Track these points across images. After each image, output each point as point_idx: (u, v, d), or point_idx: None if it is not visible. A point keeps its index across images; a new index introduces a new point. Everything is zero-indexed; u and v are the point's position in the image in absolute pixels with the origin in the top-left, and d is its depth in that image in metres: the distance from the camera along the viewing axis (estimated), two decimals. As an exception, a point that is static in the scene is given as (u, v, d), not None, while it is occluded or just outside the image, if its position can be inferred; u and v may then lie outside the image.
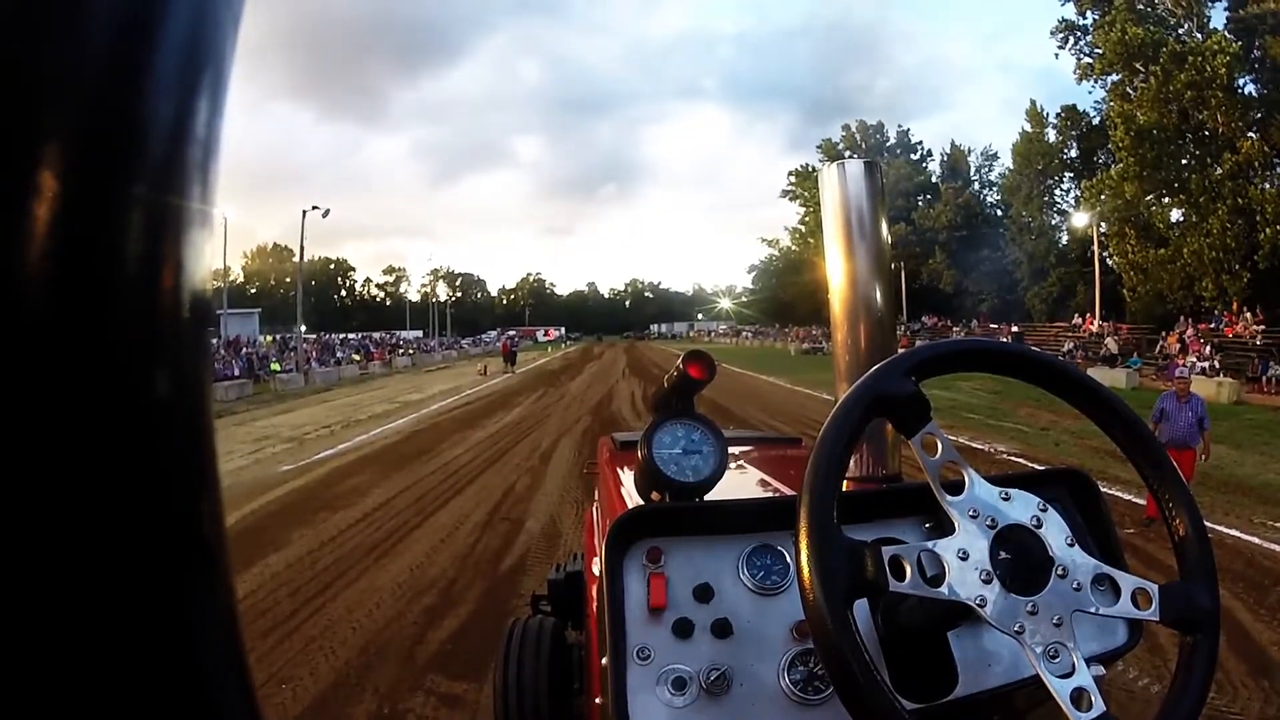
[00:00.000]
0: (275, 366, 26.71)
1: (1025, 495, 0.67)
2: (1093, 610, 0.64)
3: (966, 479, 0.67)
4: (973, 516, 0.65)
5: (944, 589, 0.62)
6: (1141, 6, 25.47)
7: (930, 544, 0.63)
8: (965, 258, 40.06)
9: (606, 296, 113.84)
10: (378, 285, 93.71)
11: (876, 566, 0.60)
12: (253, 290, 69.02)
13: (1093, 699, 0.59)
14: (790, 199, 55.26)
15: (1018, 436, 9.97)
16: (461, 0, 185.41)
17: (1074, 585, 0.64)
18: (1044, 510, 0.67)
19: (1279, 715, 2.90)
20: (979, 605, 0.61)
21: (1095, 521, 0.89)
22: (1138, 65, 24.56)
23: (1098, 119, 29.22)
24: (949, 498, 0.66)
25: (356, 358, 34.20)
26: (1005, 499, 0.67)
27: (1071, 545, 0.66)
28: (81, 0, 0.20)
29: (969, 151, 46.31)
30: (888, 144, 49.43)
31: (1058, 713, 0.88)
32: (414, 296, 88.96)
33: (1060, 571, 0.64)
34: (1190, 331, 21.33)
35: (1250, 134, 23.38)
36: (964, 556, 0.63)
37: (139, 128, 0.21)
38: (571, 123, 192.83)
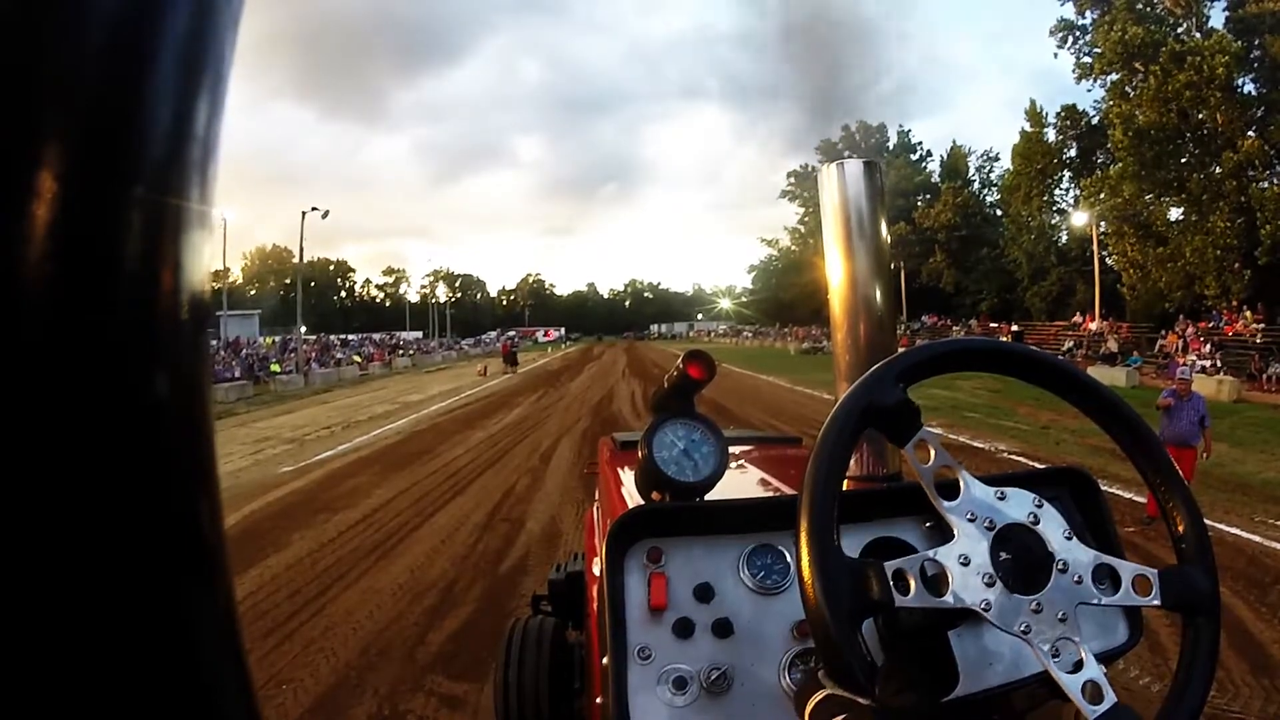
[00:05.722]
0: (275, 367, 26.71)
1: (1020, 493, 0.67)
2: (1095, 602, 0.64)
3: (961, 482, 0.67)
4: (970, 519, 0.65)
5: (948, 597, 0.61)
6: (1141, 6, 25.47)
7: (931, 553, 0.63)
8: (965, 257, 40.07)
9: (606, 297, 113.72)
10: (377, 286, 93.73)
11: (881, 584, 0.59)
12: (252, 291, 69.02)
13: (1104, 691, 0.59)
14: (790, 199, 55.31)
15: (1018, 435, 9.97)
16: (462, 0, 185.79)
17: (1075, 579, 0.64)
18: (1040, 506, 0.67)
19: (1280, 714, 2.90)
20: (984, 609, 0.61)
21: (1095, 518, 0.89)
22: (1137, 65, 24.54)
23: (1097, 118, 29.22)
24: (945, 503, 0.66)
25: (356, 359, 34.21)
26: (1001, 498, 0.67)
27: (1070, 539, 0.66)
28: (81, 0, 0.20)
29: (970, 152, 46.36)
30: (888, 144, 49.44)
31: (1057, 713, 0.88)
32: (414, 297, 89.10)
33: (1061, 566, 0.64)
34: (1190, 330, 21.34)
35: (1249, 133, 23.38)
36: (965, 562, 0.63)
37: (139, 128, 0.21)
38: (572, 122, 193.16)
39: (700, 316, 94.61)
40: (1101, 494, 0.91)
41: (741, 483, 1.40)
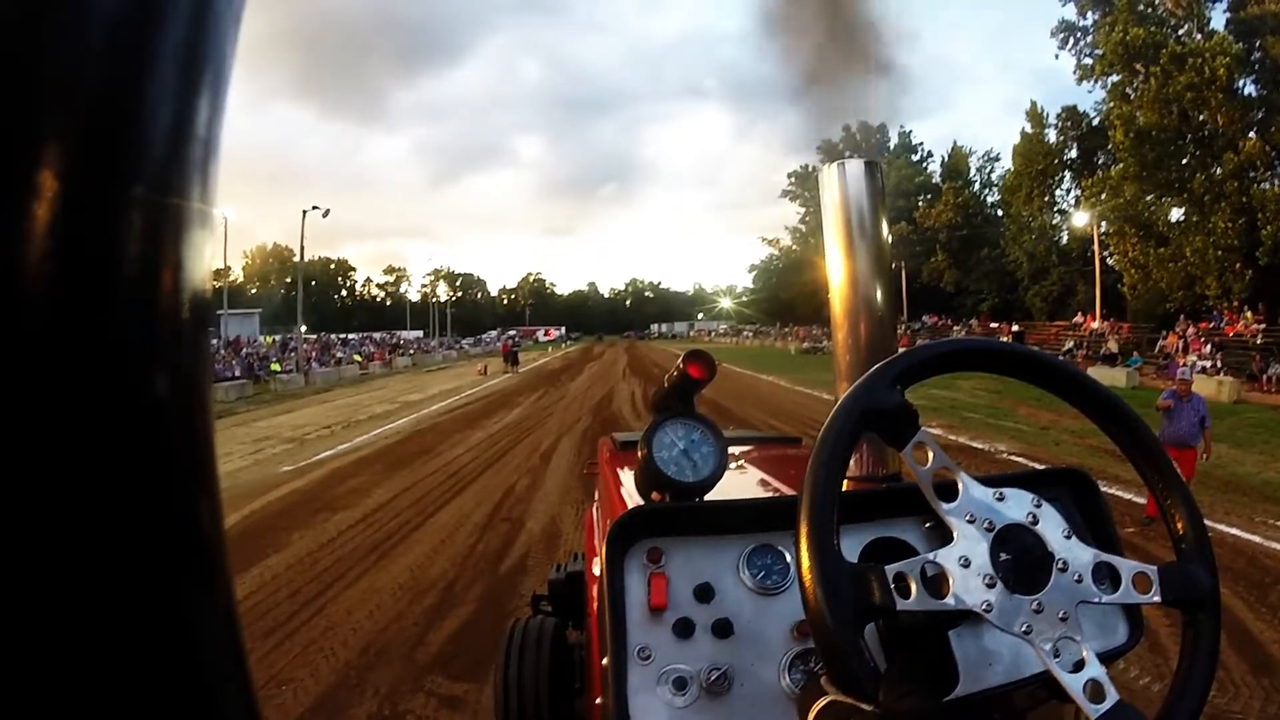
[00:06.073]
0: (275, 367, 26.72)
1: (1019, 493, 0.67)
2: (1096, 600, 0.64)
3: (960, 483, 0.67)
4: (970, 521, 0.65)
5: (950, 599, 0.61)
6: (1142, 7, 25.43)
7: (932, 555, 0.63)
8: (966, 257, 40.06)
9: (607, 296, 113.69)
10: (378, 285, 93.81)
11: (882, 589, 0.59)
12: (253, 290, 69.03)
13: (1106, 690, 0.59)
14: (791, 199, 55.33)
15: (1018, 436, 9.96)
16: (462, 0, 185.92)
17: (1075, 578, 0.64)
18: (1039, 506, 0.67)
19: (1280, 715, 2.90)
20: (985, 611, 0.61)
21: (1094, 518, 0.89)
22: (1138, 66, 24.52)
23: (1098, 120, 29.21)
24: (944, 504, 0.66)
25: (357, 358, 34.22)
26: (1000, 499, 0.67)
27: (1069, 538, 0.66)
28: (81, 0, 0.20)
29: (970, 153, 46.39)
30: (889, 144, 49.40)
31: (1058, 712, 0.88)
32: (414, 297, 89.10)
33: (1060, 565, 0.64)
34: (1191, 330, 21.33)
35: (1250, 134, 23.37)
36: (965, 564, 0.62)
37: (139, 128, 0.21)
38: (572, 122, 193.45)
39: (701, 316, 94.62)
40: (1100, 494, 0.91)
41: (741, 483, 1.40)
